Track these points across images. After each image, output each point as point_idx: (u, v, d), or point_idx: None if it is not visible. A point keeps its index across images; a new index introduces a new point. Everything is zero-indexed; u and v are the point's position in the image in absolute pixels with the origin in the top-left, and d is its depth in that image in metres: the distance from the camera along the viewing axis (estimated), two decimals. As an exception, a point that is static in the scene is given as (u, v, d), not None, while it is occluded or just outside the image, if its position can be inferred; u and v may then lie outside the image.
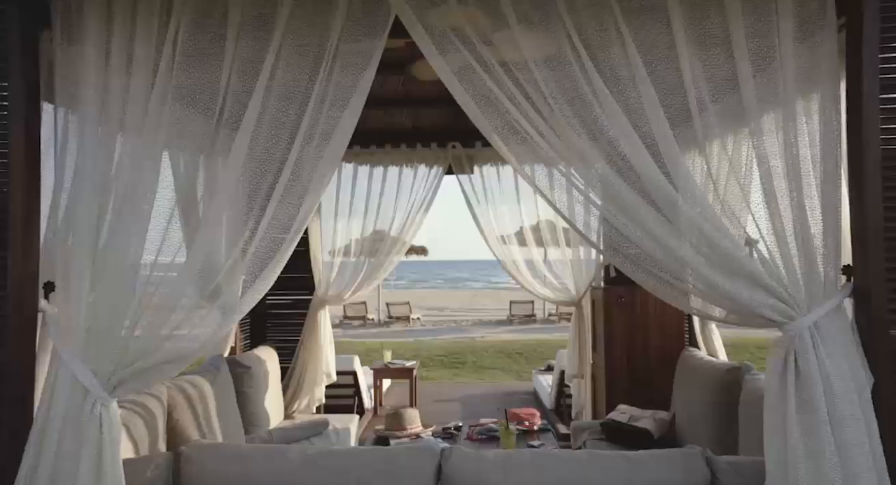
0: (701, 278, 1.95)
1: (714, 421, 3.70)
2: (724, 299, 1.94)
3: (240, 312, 2.22)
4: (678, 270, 2.05)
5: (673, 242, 1.96)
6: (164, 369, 2.01)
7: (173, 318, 2.09)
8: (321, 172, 2.14)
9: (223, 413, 3.93)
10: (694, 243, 1.95)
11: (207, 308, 2.24)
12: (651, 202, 1.98)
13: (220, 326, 2.20)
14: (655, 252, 2.00)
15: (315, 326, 5.53)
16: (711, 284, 1.92)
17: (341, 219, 5.61)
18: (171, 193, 2.08)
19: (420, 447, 2.10)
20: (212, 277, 2.16)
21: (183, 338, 2.11)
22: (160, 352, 1.99)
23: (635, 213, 2.03)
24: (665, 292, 2.11)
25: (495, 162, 5.66)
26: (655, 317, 5.04)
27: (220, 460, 2.11)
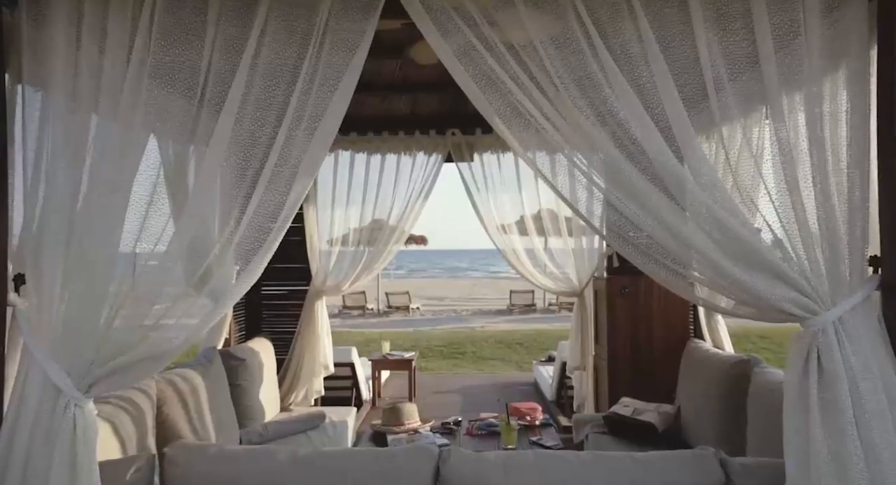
0: (716, 270, 1.82)
1: (721, 415, 3.59)
2: (741, 292, 1.81)
3: (228, 302, 2.09)
4: (691, 260, 1.92)
5: (686, 230, 1.83)
6: (145, 367, 1.89)
7: (155, 310, 1.98)
8: (311, 156, 2.01)
9: (216, 407, 3.82)
10: (709, 232, 1.82)
11: (194, 297, 2.11)
12: (663, 189, 1.85)
13: (208, 315, 2.07)
14: (668, 242, 1.87)
15: (312, 317, 5.42)
16: (727, 275, 1.80)
17: (338, 208, 5.48)
18: (152, 179, 1.95)
19: (417, 448, 1.98)
20: (198, 264, 2.03)
21: (167, 330, 2.00)
22: (141, 347, 1.87)
23: (646, 200, 1.90)
24: (677, 284, 1.98)
25: (496, 149, 5.51)
26: (659, 307, 4.92)
27: (206, 461, 2.00)
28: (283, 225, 2.02)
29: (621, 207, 1.92)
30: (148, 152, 1.92)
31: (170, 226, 1.93)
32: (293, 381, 5.39)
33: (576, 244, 5.45)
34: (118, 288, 1.91)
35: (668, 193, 1.83)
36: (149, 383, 3.29)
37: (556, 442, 3.36)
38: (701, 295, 2.46)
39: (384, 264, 5.68)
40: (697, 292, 2.48)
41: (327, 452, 2.00)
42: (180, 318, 2.08)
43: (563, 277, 5.51)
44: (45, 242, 1.80)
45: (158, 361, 1.95)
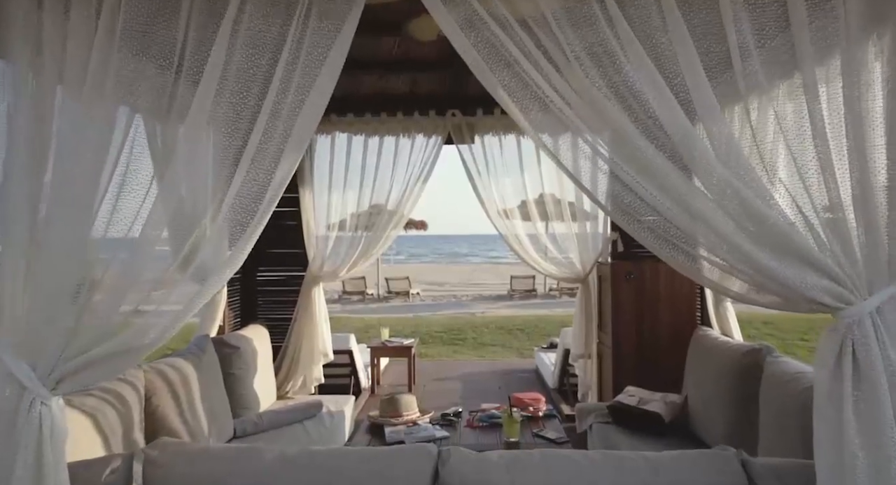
0: (740, 255, 1.66)
1: (731, 406, 3.46)
2: (767, 280, 1.65)
3: (214, 285, 1.94)
4: (712, 244, 1.77)
5: (708, 212, 1.67)
6: (120, 360, 1.74)
7: (134, 296, 1.83)
8: (299, 132, 1.85)
9: (208, 397, 3.70)
10: (733, 214, 1.66)
11: (178, 279, 1.96)
12: (682, 167, 1.69)
13: (193, 300, 1.92)
14: (687, 225, 1.72)
15: (309, 303, 5.28)
16: (752, 261, 1.64)
17: (336, 191, 5.32)
18: (126, 156, 1.79)
19: (415, 448, 1.84)
20: (181, 243, 1.87)
21: (149, 316, 1.85)
22: (116, 339, 1.72)
23: (664, 179, 1.74)
24: (696, 270, 1.82)
25: (497, 131, 5.34)
26: (666, 294, 4.79)
27: (189, 461, 1.86)
28: (268, 207, 1.87)
29: (636, 187, 1.76)
30: (122, 127, 1.75)
31: (145, 208, 1.78)
32: (290, 369, 5.28)
33: (579, 229, 5.30)
34: (90, 274, 1.76)
35: (688, 171, 1.67)
36: (136, 374, 3.16)
37: (561, 435, 3.23)
38: (711, 277, 2.29)
39: (382, 250, 5.53)
40: (706, 273, 2.32)
41: (319, 451, 1.85)
42: (161, 304, 1.94)
43: (566, 263, 5.36)
44: (5, 223, 1.65)
45: (136, 354, 1.81)
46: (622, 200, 1.81)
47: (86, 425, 2.64)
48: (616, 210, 1.96)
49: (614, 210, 2.01)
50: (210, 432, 3.61)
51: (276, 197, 1.89)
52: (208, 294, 1.98)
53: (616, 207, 1.99)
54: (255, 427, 4.11)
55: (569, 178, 2.12)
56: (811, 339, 10.47)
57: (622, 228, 1.98)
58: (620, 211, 1.84)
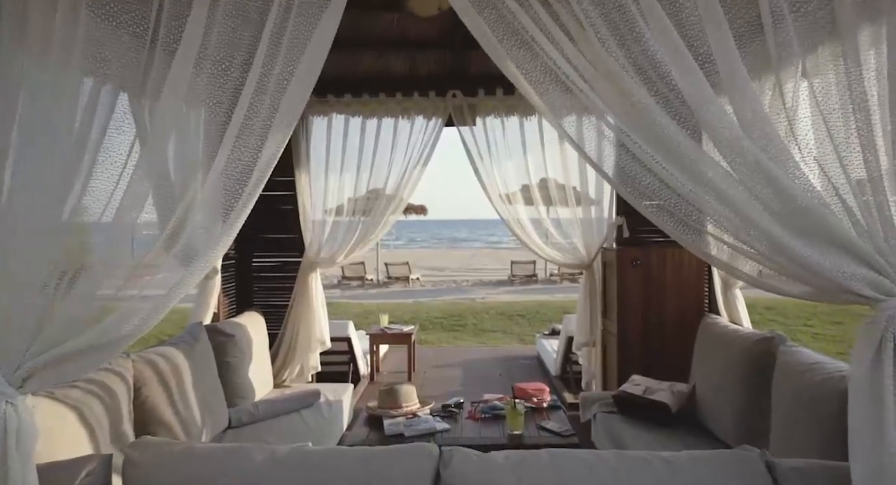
0: (769, 241, 1.52)
1: (741, 397, 3.35)
2: (798, 268, 1.51)
3: (199, 269, 1.80)
4: (738, 229, 1.62)
5: (734, 194, 1.53)
6: (97, 353, 1.60)
7: (109, 283, 1.69)
8: (287, 107, 1.69)
9: (201, 387, 3.58)
10: (762, 197, 1.51)
11: (157, 267, 1.82)
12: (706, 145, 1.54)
13: (178, 284, 1.78)
14: (710, 207, 1.57)
15: (306, 290, 5.16)
16: (783, 248, 1.50)
17: (332, 175, 5.16)
18: (98, 134, 1.64)
19: (414, 449, 1.72)
20: (162, 227, 1.73)
21: (130, 302, 1.72)
22: (93, 330, 1.58)
23: (684, 157, 1.59)
24: (718, 258, 1.68)
25: (499, 113, 5.17)
26: (673, 280, 4.65)
27: (172, 462, 1.73)
28: (255, 188, 1.72)
29: (653, 165, 1.61)
30: (92, 101, 1.60)
31: (119, 189, 1.63)
32: (287, 357, 5.17)
33: (584, 214, 5.15)
34: (63, 260, 1.62)
35: (711, 149, 1.52)
36: (124, 364, 3.03)
37: (566, 427, 3.11)
38: (719, 256, 2.13)
39: (381, 235, 5.38)
40: (715, 253, 2.17)
41: (312, 451, 1.73)
42: (144, 289, 1.80)
43: (570, 249, 5.22)
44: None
45: (114, 346, 1.67)
46: (638, 180, 1.65)
47: (70, 419, 2.52)
48: (627, 188, 1.80)
49: (625, 189, 1.86)
50: (203, 423, 3.50)
51: (262, 178, 1.74)
52: (193, 279, 1.84)
53: (626, 184, 1.84)
54: (251, 417, 4.00)
55: (582, 157, 1.96)
56: (815, 324, 10.37)
57: (637, 208, 1.83)
58: (633, 190, 1.68)
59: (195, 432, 3.38)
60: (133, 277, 1.77)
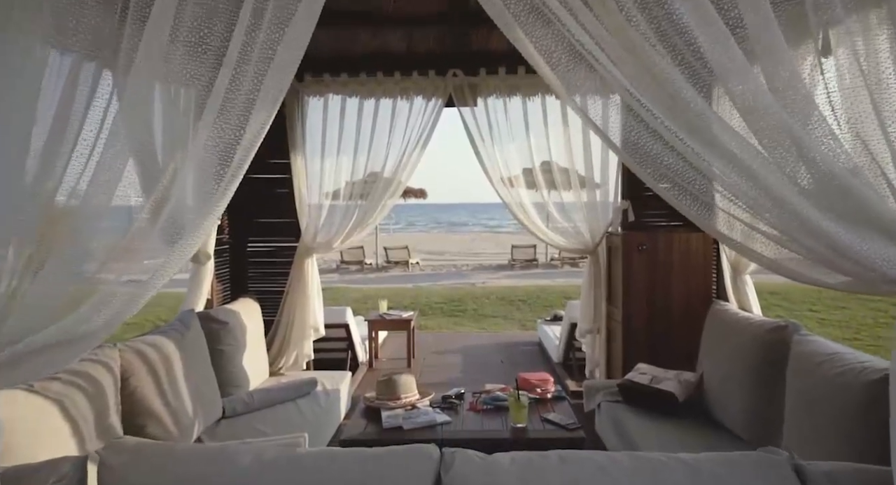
0: (804, 226, 1.38)
1: (752, 387, 3.23)
2: (838, 257, 1.36)
3: (177, 260, 1.66)
4: (763, 210, 1.48)
5: (765, 174, 1.38)
6: (63, 351, 1.46)
7: (80, 269, 1.55)
8: (273, 80, 1.53)
9: (194, 376, 3.46)
10: (797, 177, 1.36)
11: (134, 252, 1.68)
12: (736, 120, 1.38)
13: (164, 266, 1.63)
14: (738, 188, 1.42)
15: (302, 275, 5.02)
16: (821, 234, 1.35)
17: (329, 158, 5.00)
18: (64, 109, 1.48)
19: (413, 451, 1.59)
20: (139, 209, 1.59)
21: (108, 286, 1.58)
22: (56, 327, 1.44)
23: (705, 132, 1.44)
24: (746, 249, 1.53)
25: (501, 93, 4.99)
26: (680, 266, 4.52)
27: (150, 465, 1.60)
28: (237, 169, 1.58)
29: (677, 143, 1.46)
30: (55, 73, 1.45)
31: (90, 167, 1.48)
32: (283, 344, 5.05)
33: (588, 197, 5.00)
34: (27, 240, 1.47)
35: (743, 124, 1.37)
36: (110, 354, 2.91)
37: (572, 420, 2.99)
38: (734, 238, 1.98)
39: (378, 220, 5.22)
40: (728, 232, 2.02)
41: (301, 453, 1.60)
42: (121, 274, 1.66)
43: (574, 233, 5.06)
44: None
45: (82, 343, 1.53)
46: (665, 162, 1.50)
47: (50, 413, 2.40)
48: (638, 161, 1.65)
49: (636, 162, 1.70)
50: (195, 414, 3.38)
51: (246, 158, 1.60)
52: (177, 262, 1.70)
53: (641, 160, 1.69)
54: (246, 406, 3.88)
55: (594, 130, 1.80)
56: (820, 309, 10.26)
57: (651, 185, 1.68)
58: (645, 163, 1.53)
59: (186, 423, 3.27)
60: (110, 260, 1.63)
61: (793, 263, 1.76)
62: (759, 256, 1.87)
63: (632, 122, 1.56)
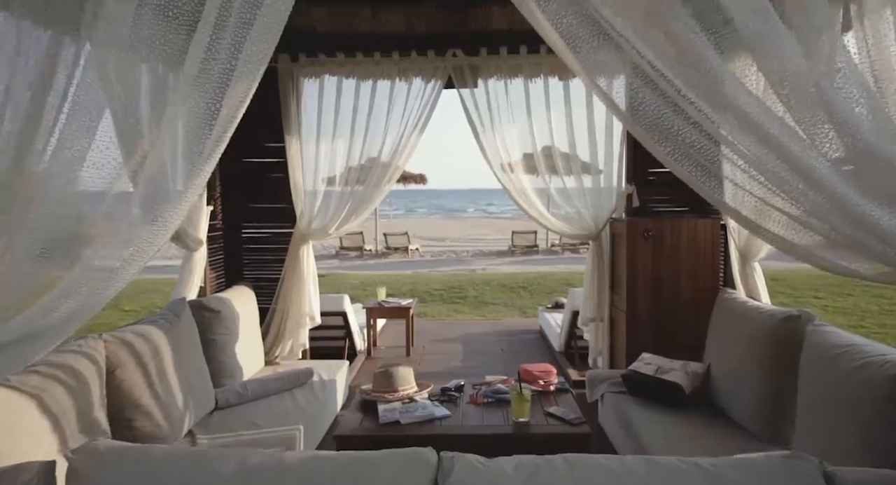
0: (844, 212, 1.24)
1: (763, 379, 3.11)
2: (877, 243, 1.23)
3: (148, 249, 1.52)
4: (792, 191, 1.34)
5: (794, 146, 1.23)
6: (23, 347, 1.33)
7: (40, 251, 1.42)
8: (252, 49, 1.39)
9: (184, 367, 3.34)
10: (828, 148, 1.22)
11: (100, 236, 1.54)
12: (770, 97, 1.24)
13: (147, 242, 1.50)
14: (761, 163, 1.28)
15: (297, 263, 4.89)
16: (857, 215, 1.21)
17: (324, 141, 4.84)
18: (20, 76, 1.34)
19: (408, 456, 1.46)
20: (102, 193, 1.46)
21: (69, 281, 1.45)
22: (18, 320, 1.31)
23: (732, 108, 1.29)
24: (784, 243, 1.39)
25: (503, 74, 4.82)
26: (687, 253, 4.40)
27: (122, 471, 1.48)
28: (215, 147, 1.43)
29: (695, 114, 1.31)
30: (12, 40, 1.30)
31: (53, 141, 1.34)
32: (278, 333, 4.93)
33: (592, 182, 4.84)
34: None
35: (779, 97, 1.22)
36: (94, 345, 2.78)
37: (576, 414, 2.86)
38: (749, 216, 1.83)
39: (375, 205, 5.06)
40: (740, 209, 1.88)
41: (288, 459, 1.47)
42: (93, 259, 1.52)
43: (576, 219, 4.91)
44: None
45: (51, 335, 1.40)
46: (688, 140, 1.36)
47: (28, 409, 2.27)
48: (643, 127, 1.51)
49: (640, 127, 1.56)
50: (186, 406, 3.27)
51: (224, 135, 1.45)
52: (153, 245, 1.56)
53: (649, 127, 1.55)
54: (240, 397, 3.78)
55: (602, 98, 1.66)
56: (825, 296, 10.15)
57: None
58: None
59: (177, 417, 3.15)
60: (83, 239, 1.50)
61: (814, 246, 1.62)
62: (773, 237, 1.74)
63: (646, 94, 1.41)
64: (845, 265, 1.50)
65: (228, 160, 5.02)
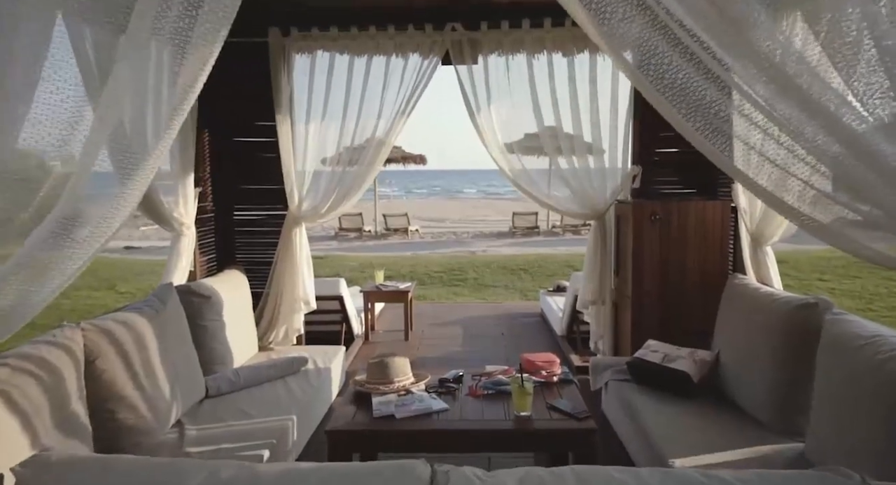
0: (881, 174, 1.06)
1: (776, 369, 2.97)
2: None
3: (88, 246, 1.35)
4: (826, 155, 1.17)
5: (834, 101, 1.06)
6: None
7: None
8: (206, 24, 1.20)
9: (171, 354, 3.20)
10: (880, 114, 1.05)
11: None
12: (819, 62, 1.07)
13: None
14: (792, 125, 1.11)
15: (290, 246, 4.73)
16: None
17: (315, 120, 4.65)
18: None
19: (397, 470, 1.30)
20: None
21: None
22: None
23: (757, 57, 1.12)
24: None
25: (504, 51, 4.60)
26: (695, 237, 4.24)
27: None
28: (169, 123, 1.25)
29: (721, 72, 1.14)
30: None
31: None
32: (272, 318, 4.79)
33: (595, 163, 4.65)
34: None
35: (833, 62, 1.05)
36: (70, 335, 2.62)
37: (580, 407, 2.71)
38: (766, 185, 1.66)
39: (366, 186, 4.80)
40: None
41: (263, 473, 1.31)
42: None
43: (580, 199, 4.71)
44: None
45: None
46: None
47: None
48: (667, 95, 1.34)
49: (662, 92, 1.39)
50: (173, 396, 3.13)
51: (180, 110, 1.26)
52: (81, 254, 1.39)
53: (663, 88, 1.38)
54: (232, 385, 3.65)
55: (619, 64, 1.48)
56: (830, 279, 9.99)
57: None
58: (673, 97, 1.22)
59: (163, 407, 3.02)
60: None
61: (843, 224, 1.45)
62: (792, 212, 1.57)
63: (664, 47, 1.23)
64: (882, 251, 1.33)
65: (218, 140, 4.85)
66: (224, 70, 4.64)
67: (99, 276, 11.40)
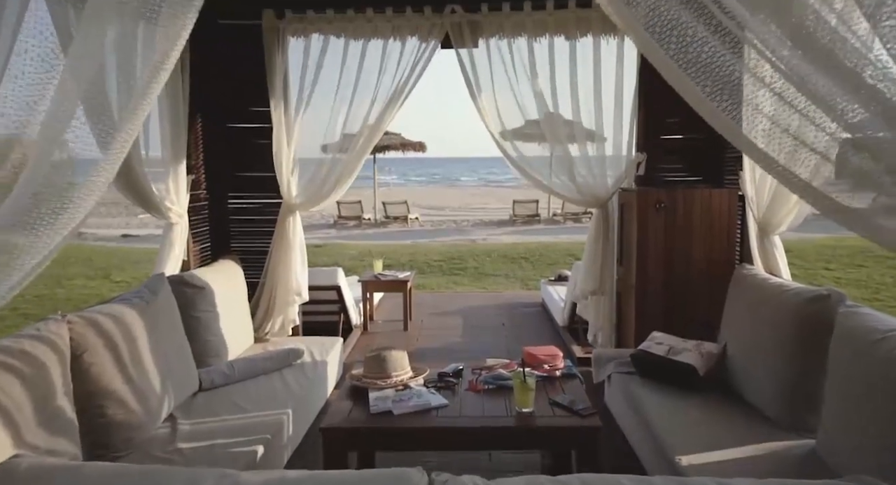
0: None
1: (786, 363, 2.88)
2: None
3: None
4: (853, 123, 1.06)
5: (853, 52, 0.95)
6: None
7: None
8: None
9: (163, 347, 3.11)
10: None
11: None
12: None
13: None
14: (812, 87, 1.00)
15: (284, 235, 4.62)
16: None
17: (310, 107, 4.52)
18: None
19: (392, 479, 1.20)
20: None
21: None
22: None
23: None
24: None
25: (505, 34, 4.46)
26: (701, 226, 4.14)
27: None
28: (138, 104, 1.14)
29: (732, 27, 1.03)
30: None
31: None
32: (268, 308, 4.69)
33: (598, 150, 4.53)
34: None
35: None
36: (55, 328, 2.52)
37: (584, 403, 2.62)
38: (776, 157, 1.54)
39: (356, 172, 4.66)
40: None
41: (245, 480, 1.22)
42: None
43: (584, 186, 4.59)
44: None
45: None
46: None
47: (-31, 403, 2.03)
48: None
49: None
50: (164, 389, 3.04)
51: (149, 91, 1.15)
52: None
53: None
54: (226, 378, 3.57)
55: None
56: (836, 268, 9.88)
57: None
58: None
59: (154, 401, 2.93)
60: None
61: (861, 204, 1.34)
62: (805, 189, 1.45)
63: (687, 17, 1.12)
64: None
65: (211, 126, 4.72)
66: (217, 52, 4.55)
67: (94, 265, 11.31)
